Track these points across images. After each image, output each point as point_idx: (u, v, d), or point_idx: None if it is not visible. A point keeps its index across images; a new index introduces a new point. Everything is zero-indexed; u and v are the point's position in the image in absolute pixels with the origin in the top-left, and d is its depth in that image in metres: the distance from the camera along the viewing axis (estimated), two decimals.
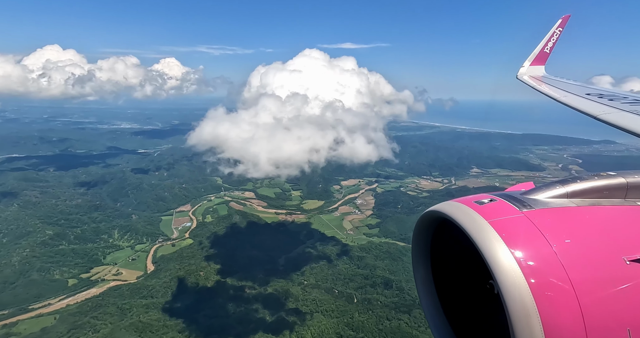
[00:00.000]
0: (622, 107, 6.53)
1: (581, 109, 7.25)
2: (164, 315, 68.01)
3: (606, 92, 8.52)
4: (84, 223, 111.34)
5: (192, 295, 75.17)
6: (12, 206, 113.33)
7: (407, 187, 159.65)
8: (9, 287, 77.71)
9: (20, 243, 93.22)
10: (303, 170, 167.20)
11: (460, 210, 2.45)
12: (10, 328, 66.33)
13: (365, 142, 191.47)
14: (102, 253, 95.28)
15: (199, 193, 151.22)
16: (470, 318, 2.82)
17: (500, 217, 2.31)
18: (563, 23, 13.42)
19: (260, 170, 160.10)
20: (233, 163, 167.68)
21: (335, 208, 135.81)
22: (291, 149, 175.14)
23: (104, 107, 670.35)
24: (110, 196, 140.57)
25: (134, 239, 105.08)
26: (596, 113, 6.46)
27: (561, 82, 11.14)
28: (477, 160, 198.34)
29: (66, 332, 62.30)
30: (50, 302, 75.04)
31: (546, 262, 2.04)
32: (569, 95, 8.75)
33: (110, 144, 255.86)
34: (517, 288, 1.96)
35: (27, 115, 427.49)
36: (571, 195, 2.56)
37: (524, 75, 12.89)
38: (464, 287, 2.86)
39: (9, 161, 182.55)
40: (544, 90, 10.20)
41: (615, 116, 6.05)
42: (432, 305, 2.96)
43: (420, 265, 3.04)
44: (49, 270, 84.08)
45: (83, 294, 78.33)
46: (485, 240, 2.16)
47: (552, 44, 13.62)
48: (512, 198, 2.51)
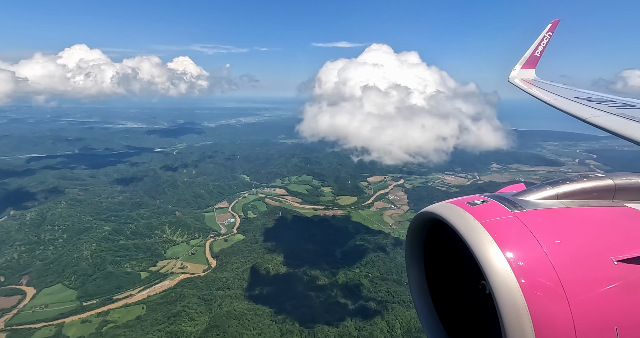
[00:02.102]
0: (610, 110, 6.70)
1: (571, 112, 7.39)
2: (250, 304, 71.21)
3: (595, 96, 8.76)
4: (134, 219, 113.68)
5: (269, 285, 78.55)
6: (61, 203, 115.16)
7: (434, 182, 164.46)
8: (89, 279, 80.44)
9: (82, 238, 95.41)
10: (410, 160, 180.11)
11: (453, 211, 2.52)
12: (105, 317, 69.41)
13: (490, 130, 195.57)
14: (161, 248, 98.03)
15: (232, 190, 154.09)
16: (463, 319, 2.89)
17: (492, 218, 2.38)
18: (553, 27, 13.64)
19: (395, 157, 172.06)
20: (360, 152, 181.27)
21: (370, 204, 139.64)
22: (420, 137, 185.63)
23: (102, 106, 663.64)
24: (147, 193, 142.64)
25: (187, 234, 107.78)
26: (585, 116, 6.61)
27: (551, 86, 11.31)
28: (494, 156, 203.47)
29: (165, 320, 65.22)
30: (131, 293, 78.17)
31: (537, 262, 2.10)
32: (559, 98, 8.95)
33: (125, 143, 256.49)
34: (509, 288, 2.01)
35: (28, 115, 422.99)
36: (561, 196, 2.66)
37: (515, 78, 13.15)
38: (457, 287, 2.94)
39: (35, 160, 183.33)
40: (534, 93, 10.31)
41: (603, 119, 6.19)
42: (425, 306, 3.04)
43: (414, 266, 3.10)
44: (120, 264, 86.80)
45: (158, 286, 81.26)
46: (478, 241, 2.22)
47: (542, 47, 13.84)
48: (504, 200, 2.61)
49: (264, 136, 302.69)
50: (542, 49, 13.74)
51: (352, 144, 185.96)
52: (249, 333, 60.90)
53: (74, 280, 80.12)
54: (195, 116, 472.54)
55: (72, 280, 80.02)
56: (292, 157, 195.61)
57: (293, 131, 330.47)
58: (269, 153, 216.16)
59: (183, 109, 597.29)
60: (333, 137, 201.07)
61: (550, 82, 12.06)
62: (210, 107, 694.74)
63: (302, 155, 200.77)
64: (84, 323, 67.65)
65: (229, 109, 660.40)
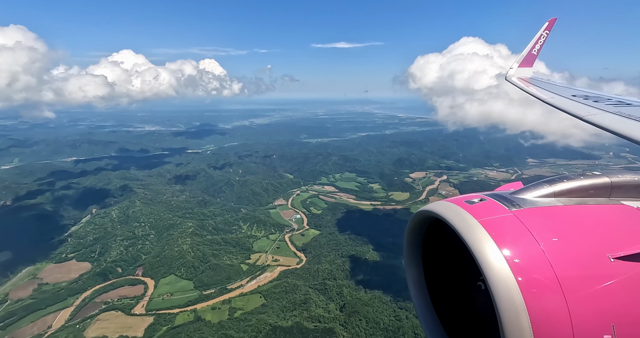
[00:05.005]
0: (607, 108, 6.67)
1: (568, 110, 7.37)
2: (368, 292, 74.28)
3: (591, 94, 8.72)
4: (207, 216, 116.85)
5: (376, 275, 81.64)
6: (135, 202, 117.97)
7: (478, 177, 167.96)
8: (199, 271, 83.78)
9: (172, 234, 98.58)
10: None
11: (452, 209, 2.56)
12: (229, 305, 72.52)
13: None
14: (247, 242, 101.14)
15: (283, 188, 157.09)
16: (462, 317, 2.94)
17: (490, 216, 2.43)
18: (550, 26, 13.58)
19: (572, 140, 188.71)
20: (530, 136, 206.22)
21: (425, 199, 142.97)
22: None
23: (112, 111, 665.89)
24: (205, 192, 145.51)
25: (264, 230, 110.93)
26: (582, 114, 6.60)
27: (548, 84, 11.23)
28: (527, 151, 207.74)
29: (294, 307, 68.41)
30: (241, 283, 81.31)
31: (534, 260, 2.12)
32: (556, 96, 8.93)
33: (155, 144, 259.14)
34: (506, 286, 2.03)
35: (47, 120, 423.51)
36: (558, 194, 2.73)
37: (512, 76, 13.05)
38: (455, 285, 3.01)
39: (82, 162, 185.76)
40: (531, 92, 10.25)
41: (600, 117, 6.18)
42: (424, 304, 3.09)
43: (413, 264, 3.15)
44: (219, 257, 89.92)
45: (262, 277, 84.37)
46: (475, 239, 2.26)
47: (540, 46, 13.77)
48: (502, 198, 2.67)
49: (286, 136, 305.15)
50: (539, 47, 13.78)
51: (517, 129, 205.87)
52: (385, 320, 64.15)
53: (184, 271, 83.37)
54: (207, 118, 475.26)
55: (183, 272, 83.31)
56: (330, 156, 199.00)
57: (314, 131, 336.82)
58: (302, 152, 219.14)
59: (192, 112, 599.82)
60: (486, 124, 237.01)
61: (547, 80, 12.05)
62: (218, 109, 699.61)
63: (338, 154, 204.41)
64: (214, 310, 70.86)
65: (235, 110, 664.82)
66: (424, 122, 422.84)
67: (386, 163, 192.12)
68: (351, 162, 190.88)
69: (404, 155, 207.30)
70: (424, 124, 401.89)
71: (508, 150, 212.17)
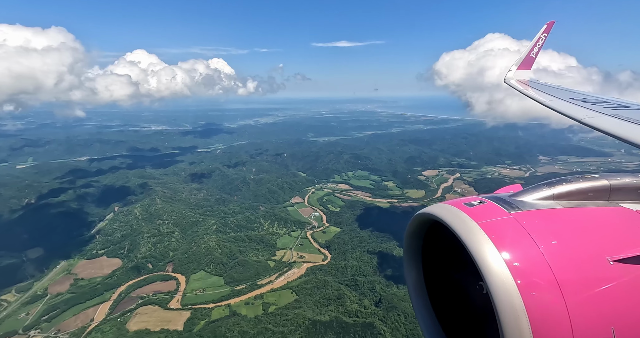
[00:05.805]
0: (605, 111, 6.70)
1: (566, 113, 7.38)
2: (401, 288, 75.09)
3: (590, 97, 8.72)
4: (227, 213, 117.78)
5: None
6: (156, 200, 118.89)
7: (491, 175, 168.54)
8: (228, 267, 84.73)
9: (196, 231, 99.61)
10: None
11: (451, 212, 2.56)
12: (262, 300, 73.41)
13: None
14: (271, 239, 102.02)
15: (298, 186, 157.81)
16: (461, 319, 2.93)
17: (489, 219, 2.43)
18: (548, 28, 13.59)
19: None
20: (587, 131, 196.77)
21: (441, 196, 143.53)
22: None
23: (115, 110, 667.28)
24: (221, 190, 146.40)
25: (285, 227, 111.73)
26: (580, 117, 6.61)
27: (547, 87, 11.23)
28: (537, 149, 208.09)
29: (329, 302, 69.34)
30: (270, 279, 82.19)
31: (533, 262, 2.12)
32: (555, 99, 8.93)
33: (164, 144, 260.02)
34: (506, 289, 2.03)
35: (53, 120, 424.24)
36: (557, 197, 2.73)
37: (511, 79, 13.05)
38: (455, 288, 2.99)
39: (96, 161, 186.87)
40: (530, 94, 10.25)
41: (598, 120, 6.19)
42: (424, 307, 3.09)
43: (412, 266, 3.16)
44: (245, 253, 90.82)
45: (290, 274, 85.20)
46: (475, 241, 2.26)
47: (538, 48, 13.72)
48: (501, 201, 2.67)
49: (293, 135, 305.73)
50: (537, 50, 13.74)
51: (564, 123, 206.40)
52: None
53: (213, 267, 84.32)
54: (212, 118, 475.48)
55: (212, 268, 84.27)
56: (342, 154, 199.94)
57: (320, 130, 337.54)
58: (312, 150, 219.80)
59: (196, 111, 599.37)
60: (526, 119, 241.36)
61: (546, 83, 11.95)
62: (222, 109, 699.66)
63: (348, 152, 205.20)
64: (247, 305, 71.74)
65: (239, 110, 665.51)
66: (429, 121, 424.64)
67: (398, 161, 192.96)
68: (363, 160, 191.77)
69: (415, 153, 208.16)
70: (430, 122, 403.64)
71: (518, 148, 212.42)
